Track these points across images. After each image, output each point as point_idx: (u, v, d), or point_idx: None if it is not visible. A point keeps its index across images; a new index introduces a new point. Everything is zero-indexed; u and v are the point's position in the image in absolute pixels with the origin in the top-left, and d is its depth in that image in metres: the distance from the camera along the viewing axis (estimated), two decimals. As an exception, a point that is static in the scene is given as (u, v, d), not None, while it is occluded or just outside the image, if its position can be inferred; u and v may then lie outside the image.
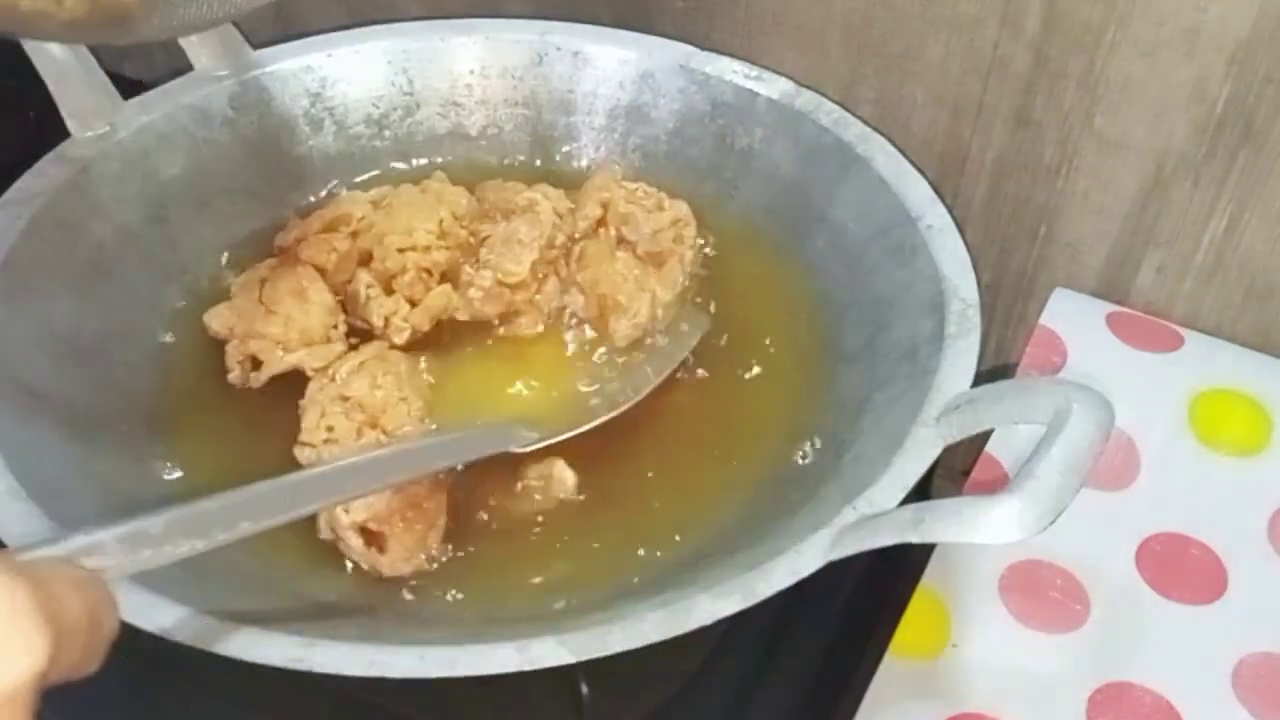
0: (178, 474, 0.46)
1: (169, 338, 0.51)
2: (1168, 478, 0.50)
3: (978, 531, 0.35)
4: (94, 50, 0.51)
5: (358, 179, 0.57)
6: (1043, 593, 0.47)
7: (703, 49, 0.57)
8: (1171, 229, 0.55)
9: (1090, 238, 0.57)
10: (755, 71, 0.55)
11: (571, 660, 0.35)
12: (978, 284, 0.59)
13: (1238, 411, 0.52)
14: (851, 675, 0.46)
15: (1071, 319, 0.56)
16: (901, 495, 0.39)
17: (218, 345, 0.50)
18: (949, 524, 0.36)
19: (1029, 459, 0.36)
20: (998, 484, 0.49)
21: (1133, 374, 0.53)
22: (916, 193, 0.50)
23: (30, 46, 0.50)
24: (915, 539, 0.36)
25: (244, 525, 0.35)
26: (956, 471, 0.57)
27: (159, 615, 0.36)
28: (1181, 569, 0.48)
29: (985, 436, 0.50)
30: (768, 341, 0.52)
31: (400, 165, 0.58)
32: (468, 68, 0.57)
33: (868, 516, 0.38)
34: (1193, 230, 0.55)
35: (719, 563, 0.40)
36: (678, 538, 0.45)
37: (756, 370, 0.51)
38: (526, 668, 0.35)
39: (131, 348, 0.49)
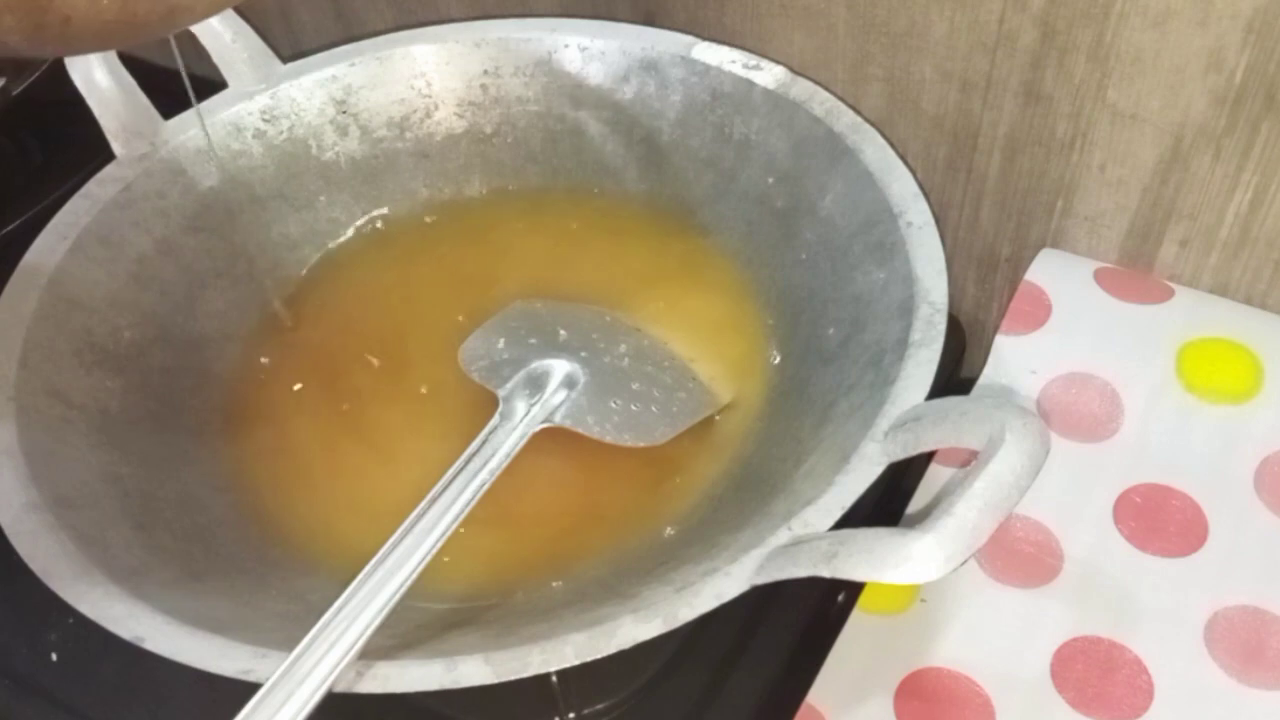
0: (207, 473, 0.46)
1: (205, 342, 0.50)
2: (1151, 428, 0.45)
3: (888, 571, 0.32)
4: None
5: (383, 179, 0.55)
6: (1015, 547, 0.43)
7: (712, 35, 0.52)
8: (1193, 202, 0.48)
9: (1109, 211, 0.50)
10: (754, 61, 0.50)
11: (494, 680, 0.33)
12: (995, 259, 0.54)
13: (1227, 359, 0.46)
14: (832, 644, 0.42)
15: (1058, 275, 0.50)
16: (838, 516, 0.35)
17: (255, 348, 0.49)
18: (860, 561, 0.32)
19: (951, 492, 0.32)
20: (963, 461, 0.45)
21: (1119, 325, 0.48)
22: (900, 187, 0.44)
23: (75, 75, 0.49)
24: (827, 574, 0.32)
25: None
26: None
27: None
28: (1161, 521, 0.43)
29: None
30: (749, 335, 0.48)
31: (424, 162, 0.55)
32: (481, 68, 0.53)
33: (796, 540, 0.35)
34: (1216, 204, 0.48)
35: (666, 569, 0.37)
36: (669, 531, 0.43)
37: (738, 365, 0.47)
38: (450, 686, 0.33)
39: (167, 354, 0.48)
